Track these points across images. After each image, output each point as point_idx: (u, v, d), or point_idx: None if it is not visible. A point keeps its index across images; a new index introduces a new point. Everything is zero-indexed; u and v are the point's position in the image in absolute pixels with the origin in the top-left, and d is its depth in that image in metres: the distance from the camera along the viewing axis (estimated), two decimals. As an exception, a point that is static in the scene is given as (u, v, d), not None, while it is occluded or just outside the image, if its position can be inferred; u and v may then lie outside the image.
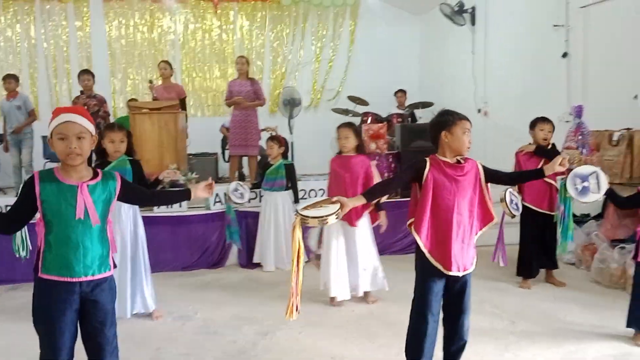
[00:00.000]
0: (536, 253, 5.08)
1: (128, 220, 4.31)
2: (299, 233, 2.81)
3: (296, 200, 5.81)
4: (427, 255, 3.01)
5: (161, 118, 6.55)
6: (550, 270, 5.21)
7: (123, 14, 10.19)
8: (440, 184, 2.99)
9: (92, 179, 2.50)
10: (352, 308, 4.56)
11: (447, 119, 3.05)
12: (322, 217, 2.77)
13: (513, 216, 4.17)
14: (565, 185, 3.95)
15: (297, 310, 2.81)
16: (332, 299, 4.63)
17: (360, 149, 4.72)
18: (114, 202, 2.57)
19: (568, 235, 4.39)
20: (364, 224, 4.65)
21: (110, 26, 10.17)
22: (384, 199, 4.51)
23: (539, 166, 4.89)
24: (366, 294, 4.72)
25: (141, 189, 3.03)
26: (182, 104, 7.66)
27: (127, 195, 2.68)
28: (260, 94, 7.54)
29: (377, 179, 4.59)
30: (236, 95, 7.35)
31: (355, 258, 4.62)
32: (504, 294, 4.90)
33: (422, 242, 3.02)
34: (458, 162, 3.04)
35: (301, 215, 2.78)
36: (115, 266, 2.63)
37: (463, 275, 3.04)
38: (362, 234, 4.63)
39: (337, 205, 2.83)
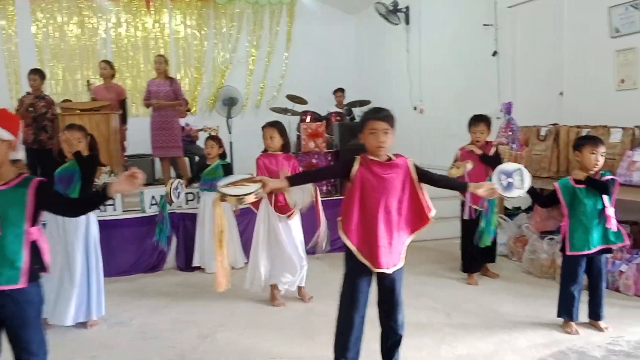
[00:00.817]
0: (478, 248, 5.06)
1: (79, 222, 4.14)
2: (219, 210, 2.95)
3: None
4: (356, 252, 3.04)
5: (92, 119, 6.36)
6: (486, 263, 5.33)
7: (51, 12, 9.81)
8: (367, 182, 3.00)
9: (5, 184, 2.42)
10: (292, 307, 4.56)
11: (362, 119, 3.09)
12: (239, 196, 2.86)
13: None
14: (490, 181, 4.07)
15: (225, 281, 3.00)
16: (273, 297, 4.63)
17: (285, 147, 4.65)
18: (28, 209, 2.45)
19: (490, 230, 4.57)
20: (297, 217, 4.63)
21: (37, 25, 9.77)
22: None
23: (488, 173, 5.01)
24: (300, 289, 4.75)
25: (62, 199, 2.85)
26: (122, 105, 7.48)
27: (46, 204, 2.54)
28: (180, 94, 7.42)
29: None
30: (154, 95, 7.19)
31: (292, 252, 4.58)
32: (440, 287, 5.01)
33: (350, 240, 3.05)
34: (389, 159, 3.05)
35: (220, 192, 2.88)
36: (35, 278, 2.52)
37: (392, 272, 3.06)
38: (296, 228, 4.63)
39: (259, 185, 2.88)
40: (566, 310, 3.93)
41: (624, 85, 5.36)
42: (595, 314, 3.95)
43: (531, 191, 3.93)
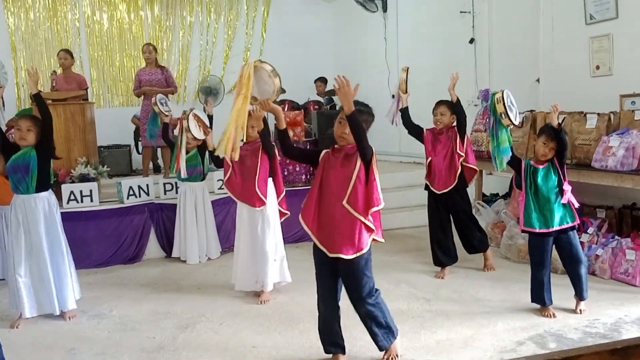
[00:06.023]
0: (444, 240, 4.96)
1: (41, 212, 4.06)
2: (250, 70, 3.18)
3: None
4: (313, 238, 3.08)
5: (67, 109, 6.23)
6: (484, 253, 5.09)
7: (23, 1, 9.59)
8: (324, 168, 3.07)
9: None
10: (273, 296, 4.53)
11: None
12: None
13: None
14: (494, 98, 4.10)
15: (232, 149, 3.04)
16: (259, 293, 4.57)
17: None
18: None
19: (501, 149, 4.06)
20: (272, 209, 4.50)
21: (9, 14, 9.54)
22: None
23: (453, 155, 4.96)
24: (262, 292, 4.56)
25: None
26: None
27: None
28: (172, 81, 7.39)
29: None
30: (146, 84, 7.14)
31: (262, 247, 4.45)
32: (419, 274, 5.02)
33: (307, 225, 3.07)
34: (348, 146, 3.07)
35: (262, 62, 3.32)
36: None
37: (351, 259, 3.01)
38: (270, 221, 4.47)
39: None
40: (537, 296, 3.99)
41: (599, 71, 5.41)
42: (577, 294, 3.98)
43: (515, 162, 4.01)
